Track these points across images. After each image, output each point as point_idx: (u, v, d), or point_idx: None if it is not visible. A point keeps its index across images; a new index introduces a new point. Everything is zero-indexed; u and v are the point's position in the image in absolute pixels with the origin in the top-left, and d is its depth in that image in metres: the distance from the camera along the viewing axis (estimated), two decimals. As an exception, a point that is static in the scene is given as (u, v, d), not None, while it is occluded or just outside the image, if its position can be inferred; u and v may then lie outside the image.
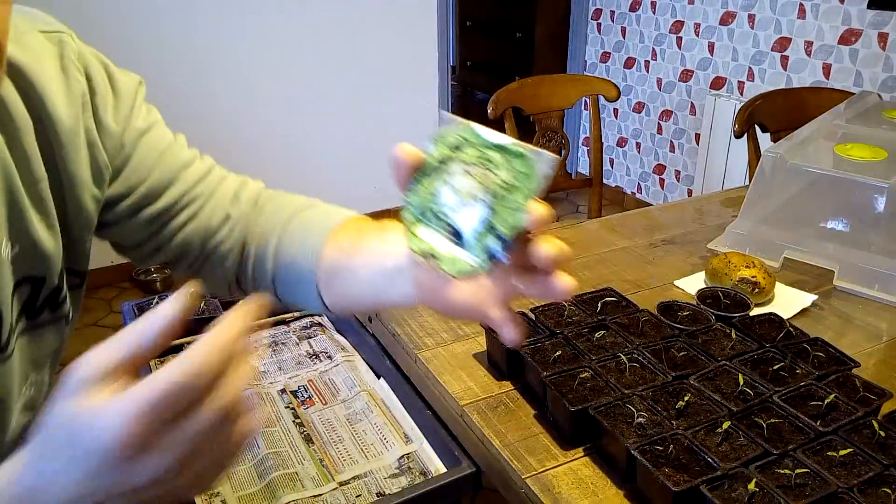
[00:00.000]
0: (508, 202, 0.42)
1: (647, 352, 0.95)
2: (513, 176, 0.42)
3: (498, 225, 0.42)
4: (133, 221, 0.69)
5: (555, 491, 0.80)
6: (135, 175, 0.68)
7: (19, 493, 0.38)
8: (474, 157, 0.44)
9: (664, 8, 3.40)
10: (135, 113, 0.69)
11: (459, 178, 0.44)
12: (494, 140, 0.43)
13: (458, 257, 0.44)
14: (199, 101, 3.00)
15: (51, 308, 0.64)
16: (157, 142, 0.71)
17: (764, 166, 1.36)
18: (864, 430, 0.81)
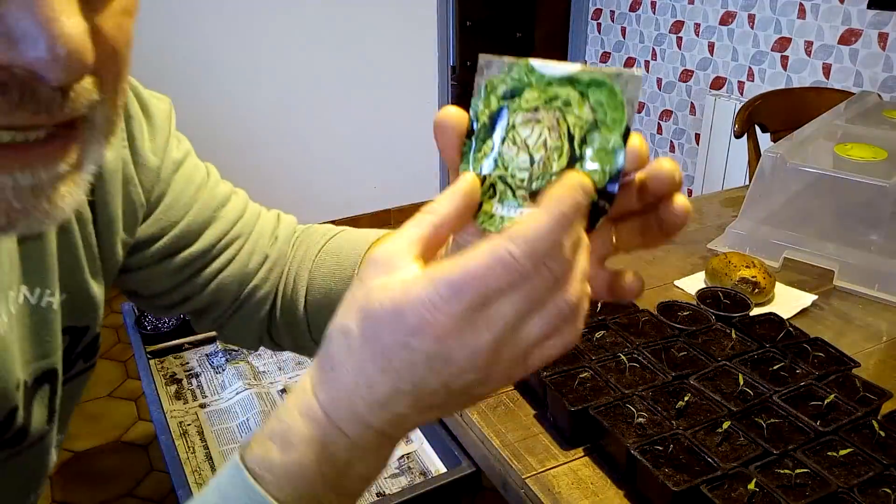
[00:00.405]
0: (597, 143, 0.34)
1: (647, 352, 0.95)
2: (592, 110, 0.34)
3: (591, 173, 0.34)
4: (161, 267, 0.61)
5: (555, 491, 0.80)
6: (169, 214, 0.60)
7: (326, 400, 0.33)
8: (539, 100, 0.35)
9: (664, 8, 3.40)
10: (171, 143, 0.61)
11: (526, 129, 0.35)
12: (559, 72, 0.35)
13: None
14: (199, 102, 3.01)
15: (85, 358, 0.58)
16: (192, 175, 0.63)
17: (764, 166, 1.36)
18: (864, 430, 0.81)
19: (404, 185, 3.63)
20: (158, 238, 0.59)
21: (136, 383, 2.38)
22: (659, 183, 0.35)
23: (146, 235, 0.59)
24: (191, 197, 0.61)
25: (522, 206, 0.35)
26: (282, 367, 1.20)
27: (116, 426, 2.19)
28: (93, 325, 0.57)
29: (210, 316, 0.65)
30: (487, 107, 0.36)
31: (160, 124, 0.59)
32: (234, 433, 1.03)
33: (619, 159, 0.34)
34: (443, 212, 0.33)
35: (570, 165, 0.34)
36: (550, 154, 0.35)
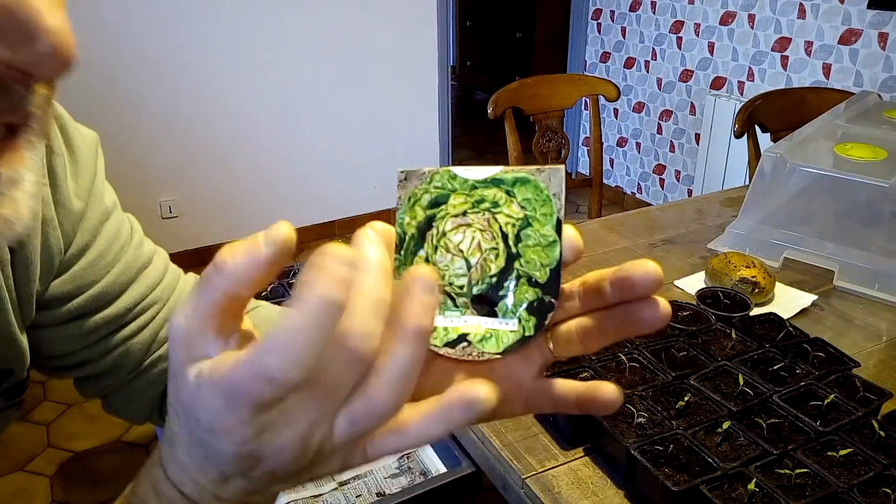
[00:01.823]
0: (530, 239, 0.33)
1: (647, 352, 0.95)
2: (521, 207, 0.34)
3: (529, 270, 0.33)
4: (68, 328, 0.54)
5: (555, 491, 0.80)
6: (90, 272, 0.54)
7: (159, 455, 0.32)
8: (466, 204, 0.34)
9: (664, 8, 3.40)
10: (97, 185, 0.54)
11: (455, 235, 0.34)
12: (481, 175, 0.34)
13: (498, 330, 0.34)
14: (199, 102, 3.01)
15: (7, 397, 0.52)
16: (119, 230, 0.56)
17: (764, 166, 1.36)
18: (864, 430, 0.81)
19: (404, 185, 3.63)
20: (73, 297, 0.53)
21: (136, 383, 2.38)
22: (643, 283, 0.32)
23: (60, 292, 0.52)
24: (114, 255, 0.55)
25: (464, 313, 0.34)
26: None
27: (116, 426, 2.19)
28: (18, 369, 0.51)
29: (101, 383, 0.59)
30: (413, 218, 0.34)
31: (85, 163, 0.53)
32: (234, 433, 1.03)
33: (556, 252, 0.33)
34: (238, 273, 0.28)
35: (509, 264, 0.33)
36: (486, 256, 0.34)
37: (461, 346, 0.33)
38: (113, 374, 0.58)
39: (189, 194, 3.08)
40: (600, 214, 2.15)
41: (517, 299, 0.33)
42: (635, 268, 0.32)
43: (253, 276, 0.28)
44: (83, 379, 0.59)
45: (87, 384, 0.59)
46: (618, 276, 0.33)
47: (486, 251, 0.34)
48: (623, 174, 3.92)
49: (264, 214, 3.30)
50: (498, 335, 0.34)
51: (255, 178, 3.24)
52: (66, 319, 0.54)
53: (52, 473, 2.01)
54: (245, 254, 0.28)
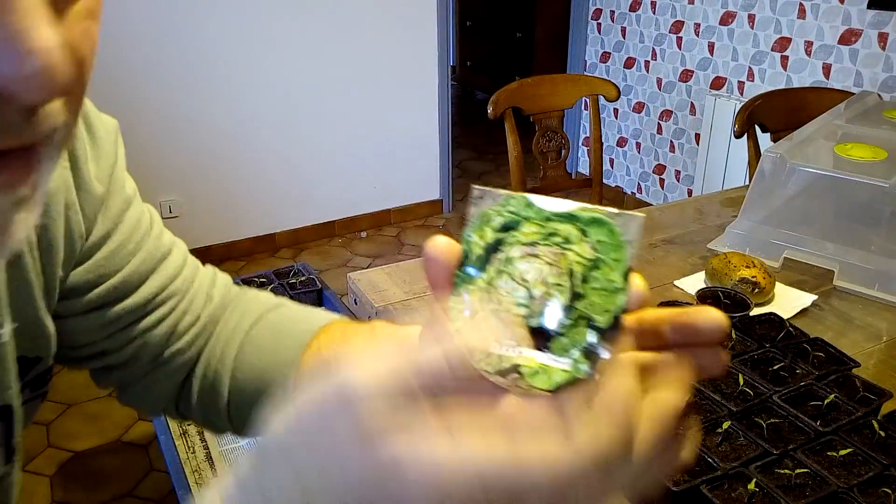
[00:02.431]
0: (597, 282, 0.33)
1: (647, 352, 0.95)
2: (594, 249, 0.33)
3: (591, 313, 0.32)
4: (89, 318, 0.53)
5: (555, 491, 0.80)
6: (112, 261, 0.53)
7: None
8: (536, 235, 0.33)
9: (664, 8, 3.40)
10: (118, 172, 0.54)
11: (522, 264, 0.33)
12: (558, 209, 0.33)
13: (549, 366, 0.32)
14: (200, 102, 3.01)
15: (33, 387, 0.52)
16: (140, 219, 0.56)
17: (764, 166, 1.36)
18: (864, 430, 0.81)
19: (404, 185, 3.63)
20: (94, 286, 0.52)
21: (136, 383, 2.38)
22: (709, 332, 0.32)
23: (82, 281, 0.52)
24: (136, 244, 0.54)
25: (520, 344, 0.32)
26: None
27: (116, 426, 2.19)
28: (45, 356, 0.51)
29: (118, 374, 0.58)
30: (482, 237, 0.33)
31: (106, 148, 0.53)
32: (234, 433, 1.03)
33: (621, 300, 0.32)
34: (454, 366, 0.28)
35: (571, 303, 0.32)
36: (551, 290, 0.33)
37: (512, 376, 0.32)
38: (130, 365, 0.57)
39: (189, 194, 3.08)
40: (600, 214, 2.14)
41: (574, 339, 0.32)
42: (701, 316, 0.32)
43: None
44: (100, 370, 0.58)
45: (104, 375, 0.58)
46: (682, 322, 0.32)
47: (551, 285, 0.33)
48: (623, 174, 3.92)
49: (264, 214, 3.30)
50: (549, 372, 0.32)
51: (256, 179, 3.24)
52: (87, 309, 0.53)
53: (52, 473, 2.01)
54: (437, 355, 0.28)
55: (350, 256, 3.34)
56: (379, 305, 1.20)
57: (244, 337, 0.58)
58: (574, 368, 0.32)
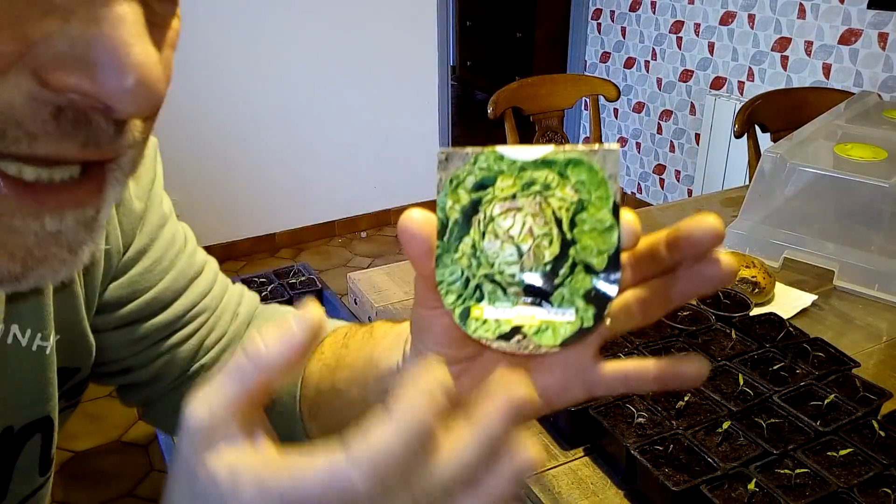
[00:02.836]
0: (586, 224, 0.31)
1: (647, 352, 0.95)
2: (576, 190, 0.31)
3: (586, 257, 0.31)
4: (120, 334, 0.54)
5: (555, 491, 0.80)
6: (147, 277, 0.53)
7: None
8: (515, 187, 0.31)
9: (664, 8, 3.40)
10: (156, 188, 0.54)
11: (504, 220, 0.32)
12: (531, 156, 0.32)
13: (553, 321, 0.31)
14: (200, 102, 3.01)
15: (68, 397, 0.52)
16: (175, 236, 0.56)
17: (764, 166, 1.36)
18: (864, 430, 0.81)
19: (404, 185, 3.63)
20: (128, 302, 0.53)
21: (136, 383, 2.38)
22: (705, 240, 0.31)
23: (116, 297, 0.52)
24: (170, 261, 0.55)
25: (516, 304, 0.31)
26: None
27: (116, 426, 2.19)
28: (84, 367, 0.52)
29: (144, 391, 0.58)
30: (457, 201, 0.31)
31: (146, 165, 0.53)
32: (234, 433, 1.03)
33: (614, 238, 0.31)
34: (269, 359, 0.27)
35: (564, 251, 0.31)
36: (539, 242, 0.31)
37: (515, 339, 0.31)
38: (157, 381, 0.57)
39: (189, 194, 3.08)
40: (600, 214, 2.14)
41: (574, 288, 0.31)
42: (695, 225, 0.31)
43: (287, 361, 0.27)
44: (126, 387, 0.58)
45: (130, 392, 0.58)
46: (676, 237, 0.32)
47: (539, 237, 0.31)
48: (623, 174, 3.92)
49: (264, 214, 3.30)
50: (554, 326, 0.31)
51: (255, 179, 3.24)
52: (119, 325, 0.53)
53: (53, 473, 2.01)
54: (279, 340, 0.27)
55: (350, 256, 3.34)
56: (379, 305, 1.20)
57: None
58: (580, 318, 0.31)
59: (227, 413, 0.26)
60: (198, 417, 0.26)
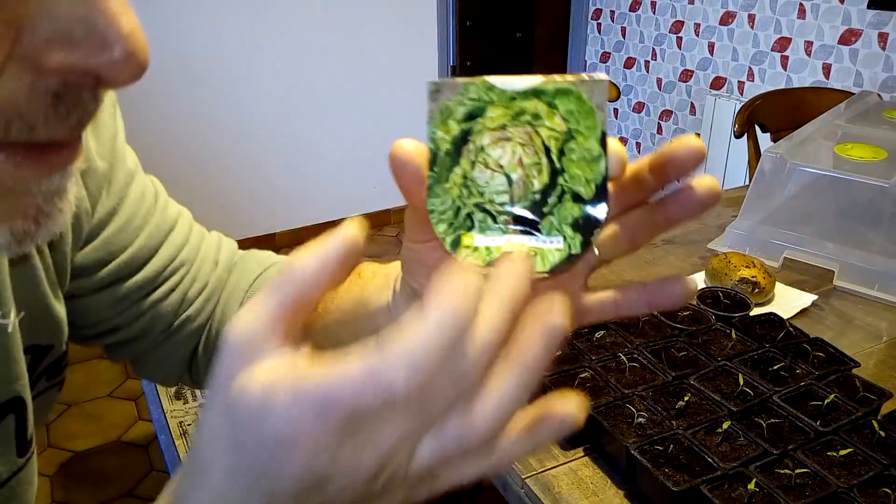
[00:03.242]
0: (574, 153, 0.32)
1: (647, 352, 0.95)
2: (564, 120, 0.32)
3: (574, 185, 0.32)
4: (100, 296, 0.54)
5: (555, 491, 0.80)
6: (120, 238, 0.53)
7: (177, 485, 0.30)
8: (505, 117, 0.32)
9: (664, 8, 3.40)
10: (118, 145, 0.53)
11: (496, 149, 0.32)
12: (521, 86, 0.32)
13: (543, 248, 0.32)
14: (200, 102, 3.01)
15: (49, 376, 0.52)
16: (144, 192, 0.55)
17: (764, 166, 1.36)
18: (864, 430, 0.81)
19: (404, 185, 3.63)
20: (105, 264, 0.53)
21: (136, 383, 2.38)
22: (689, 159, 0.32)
23: (92, 260, 0.52)
24: (143, 218, 0.55)
25: (507, 231, 0.32)
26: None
27: (116, 426, 2.19)
28: (57, 343, 0.51)
29: (132, 347, 0.58)
30: (447, 132, 0.32)
31: (105, 121, 0.52)
32: (234, 433, 1.03)
33: (602, 167, 0.31)
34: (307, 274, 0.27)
35: (553, 180, 0.32)
36: (529, 171, 0.32)
37: None
38: (144, 337, 0.57)
39: (189, 194, 3.07)
40: (600, 214, 2.15)
41: (562, 216, 0.32)
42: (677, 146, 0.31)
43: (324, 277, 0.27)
44: (114, 345, 0.59)
45: (119, 350, 0.59)
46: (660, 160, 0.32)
47: (528, 166, 0.32)
48: (623, 174, 3.92)
49: (264, 214, 3.30)
50: (543, 253, 0.32)
51: (255, 178, 3.24)
52: (99, 287, 0.53)
53: (52, 473, 2.01)
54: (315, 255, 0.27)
55: (350, 256, 3.34)
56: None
57: (243, 297, 0.59)
58: (568, 245, 0.32)
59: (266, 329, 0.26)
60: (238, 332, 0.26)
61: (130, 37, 0.26)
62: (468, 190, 0.32)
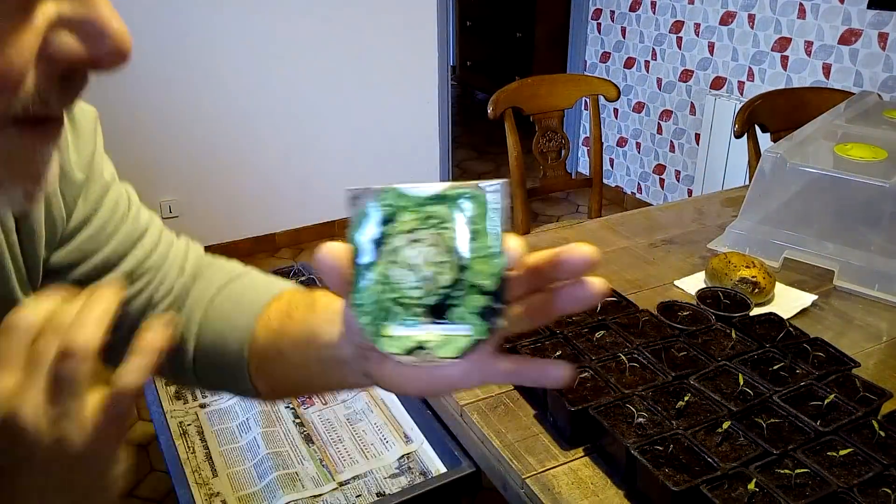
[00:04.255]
0: (478, 251, 0.36)
1: (647, 352, 0.95)
2: (468, 222, 0.37)
3: (478, 280, 0.36)
4: None
5: (555, 491, 0.80)
6: (92, 243, 0.58)
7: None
8: (415, 221, 0.37)
9: (664, 8, 3.40)
10: (97, 158, 0.59)
11: (407, 251, 0.37)
12: (428, 192, 0.37)
13: (451, 335, 0.37)
14: (200, 101, 3.00)
15: None
16: (118, 202, 0.61)
17: (764, 166, 1.36)
18: (864, 430, 0.81)
19: (404, 185, 3.63)
20: (77, 265, 0.58)
21: (136, 383, 2.38)
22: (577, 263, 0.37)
23: (66, 261, 0.57)
24: (115, 226, 0.60)
25: (421, 323, 0.37)
26: (282, 367, 1.20)
27: (116, 426, 2.19)
28: None
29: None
30: (367, 235, 0.37)
31: (86, 136, 0.57)
32: (234, 433, 1.03)
33: (501, 261, 0.36)
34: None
35: (459, 274, 0.37)
36: (438, 269, 0.37)
37: (421, 353, 0.37)
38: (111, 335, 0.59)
39: (189, 194, 3.08)
40: (600, 214, 2.15)
41: (469, 307, 0.36)
42: (571, 250, 0.36)
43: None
44: None
45: None
46: (556, 260, 0.37)
47: (438, 265, 0.37)
48: (623, 174, 3.92)
49: (264, 214, 3.30)
50: (454, 340, 0.37)
51: (255, 178, 3.24)
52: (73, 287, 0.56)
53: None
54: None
55: (350, 256, 3.34)
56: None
57: (207, 305, 0.63)
58: (475, 331, 0.37)
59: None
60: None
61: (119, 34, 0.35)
62: (387, 286, 0.37)
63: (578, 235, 1.48)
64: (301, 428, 1.05)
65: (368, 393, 1.11)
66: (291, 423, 1.06)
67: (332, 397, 1.11)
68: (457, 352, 0.37)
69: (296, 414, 1.08)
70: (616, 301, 1.09)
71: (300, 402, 1.11)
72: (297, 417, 1.07)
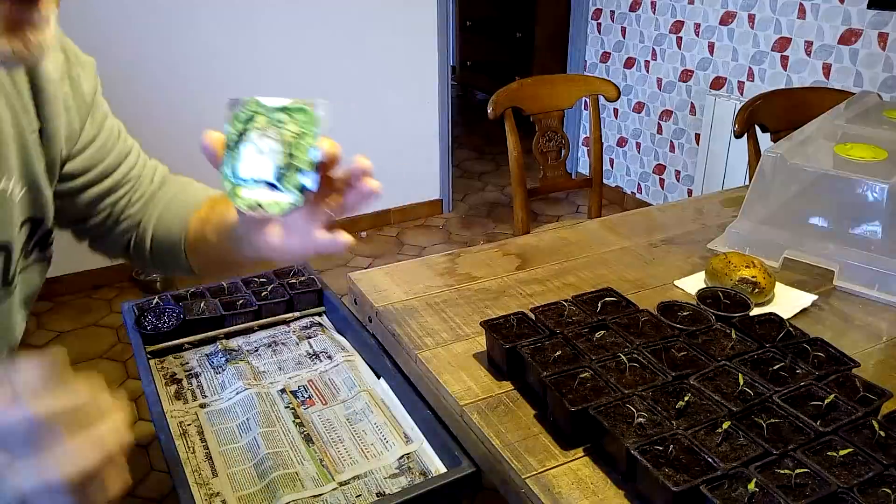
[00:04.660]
0: (302, 146, 0.56)
1: (647, 352, 0.95)
2: (299, 126, 0.56)
3: (299, 164, 0.56)
4: (79, 195, 0.80)
5: (555, 491, 0.80)
6: (98, 155, 0.80)
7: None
8: (266, 123, 0.56)
9: (664, 8, 3.40)
10: (98, 95, 0.80)
11: (259, 141, 0.56)
12: (277, 104, 0.56)
13: (278, 200, 0.56)
14: (200, 101, 3.00)
15: (40, 248, 0.74)
16: (113, 126, 0.83)
17: (764, 166, 1.36)
18: (864, 430, 0.81)
19: (404, 185, 3.63)
20: (84, 172, 0.79)
21: (136, 383, 2.38)
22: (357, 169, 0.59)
23: (78, 169, 0.78)
24: (112, 145, 0.82)
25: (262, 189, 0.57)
26: (282, 367, 1.20)
27: (116, 426, 2.18)
28: (47, 219, 0.73)
29: (91, 232, 0.85)
30: (234, 129, 0.57)
31: (90, 75, 0.78)
32: (234, 433, 1.03)
33: (316, 155, 0.56)
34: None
35: (289, 161, 0.56)
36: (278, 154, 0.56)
37: (258, 210, 0.57)
38: (99, 227, 0.85)
39: (189, 194, 3.08)
40: (600, 214, 2.15)
41: (292, 182, 0.56)
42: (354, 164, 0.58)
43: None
44: (79, 230, 0.85)
45: (82, 234, 0.86)
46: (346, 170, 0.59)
47: (278, 152, 0.56)
48: (623, 174, 3.92)
49: (264, 214, 3.30)
50: (279, 203, 0.57)
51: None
52: (80, 189, 0.80)
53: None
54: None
55: (350, 256, 3.35)
56: (379, 305, 1.20)
57: (163, 207, 0.87)
58: (294, 199, 0.57)
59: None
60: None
61: None
62: (244, 164, 0.57)
63: (578, 235, 1.48)
64: (301, 428, 1.05)
65: (368, 393, 1.11)
66: (291, 423, 1.06)
67: (332, 397, 1.11)
68: (280, 210, 0.57)
69: (296, 414, 1.08)
70: (616, 301, 1.09)
71: (300, 402, 1.11)
72: (297, 417, 1.07)
